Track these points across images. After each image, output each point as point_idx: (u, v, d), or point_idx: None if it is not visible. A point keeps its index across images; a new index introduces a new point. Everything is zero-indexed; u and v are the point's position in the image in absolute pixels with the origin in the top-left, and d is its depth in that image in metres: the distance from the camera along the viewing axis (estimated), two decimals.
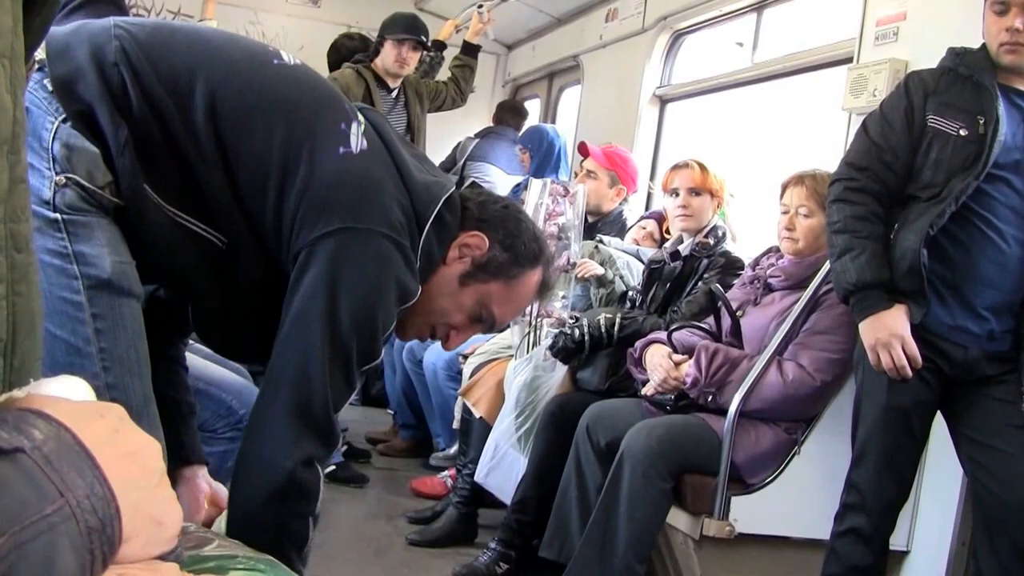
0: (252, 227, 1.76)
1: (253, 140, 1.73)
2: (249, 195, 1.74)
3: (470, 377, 4.20)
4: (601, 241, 4.34)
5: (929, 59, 2.95)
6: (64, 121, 1.62)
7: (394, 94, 5.06)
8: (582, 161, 5.09)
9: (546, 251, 2.04)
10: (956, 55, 2.80)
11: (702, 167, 3.89)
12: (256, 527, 1.69)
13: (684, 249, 3.81)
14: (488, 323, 2.02)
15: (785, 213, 3.29)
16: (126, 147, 1.63)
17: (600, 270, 4.08)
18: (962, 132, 2.69)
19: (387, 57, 5.00)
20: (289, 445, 1.69)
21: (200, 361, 2.80)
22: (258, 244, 1.78)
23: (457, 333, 2.03)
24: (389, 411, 5.73)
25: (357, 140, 1.81)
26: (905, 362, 2.69)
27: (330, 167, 1.75)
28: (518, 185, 5.90)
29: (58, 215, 1.62)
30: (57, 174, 1.61)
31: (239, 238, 1.77)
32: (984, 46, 2.76)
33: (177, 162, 1.70)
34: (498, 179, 6.20)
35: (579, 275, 4.06)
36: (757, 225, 4.49)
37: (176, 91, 1.70)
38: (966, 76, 2.75)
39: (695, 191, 3.85)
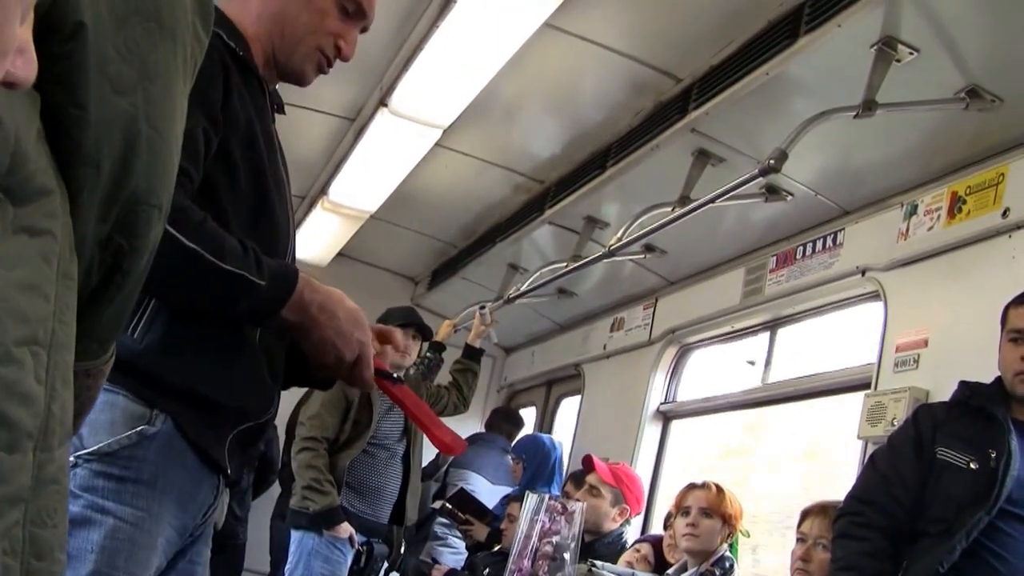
0: None
1: None
2: None
3: None
4: (594, 565, 4.26)
5: (951, 389, 3.01)
6: None
7: None
8: (574, 475, 5.07)
9: None
10: (967, 388, 2.89)
11: (719, 489, 3.95)
12: None
13: None
14: (358, 10, 1.91)
15: (801, 542, 3.27)
16: None
17: None
18: (972, 465, 2.73)
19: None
20: None
21: None
22: None
23: (345, 42, 1.92)
24: None
25: None
26: None
27: None
28: (505, 496, 5.85)
29: None
30: None
31: None
32: (998, 379, 2.86)
33: None
34: (482, 488, 6.15)
35: None
36: (760, 554, 4.43)
37: None
38: (977, 408, 2.82)
39: (707, 512, 3.85)
